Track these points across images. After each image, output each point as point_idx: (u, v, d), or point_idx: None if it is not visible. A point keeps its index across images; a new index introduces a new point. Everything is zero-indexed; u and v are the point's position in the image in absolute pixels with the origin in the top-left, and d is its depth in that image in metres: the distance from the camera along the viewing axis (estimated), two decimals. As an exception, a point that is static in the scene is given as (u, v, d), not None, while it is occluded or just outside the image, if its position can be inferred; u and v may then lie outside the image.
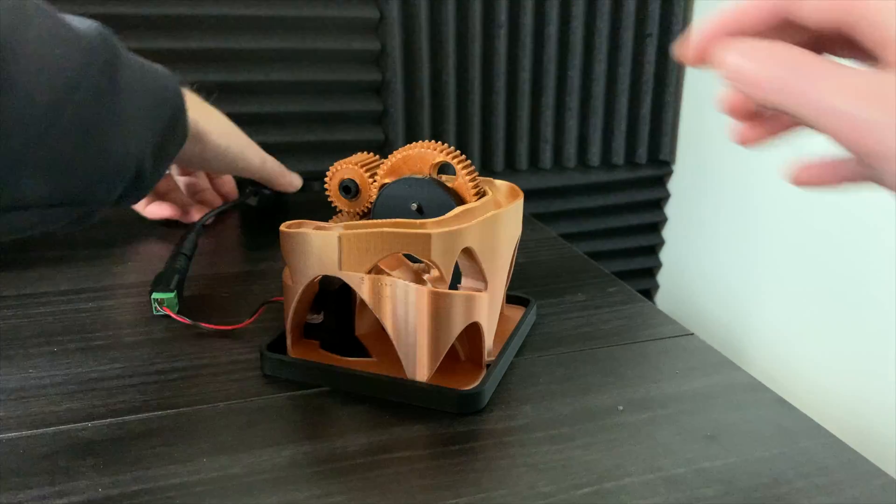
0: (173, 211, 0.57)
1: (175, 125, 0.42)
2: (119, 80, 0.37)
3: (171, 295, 0.42)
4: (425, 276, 0.34)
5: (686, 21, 0.81)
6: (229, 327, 0.40)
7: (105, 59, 0.36)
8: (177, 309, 0.42)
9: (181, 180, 0.60)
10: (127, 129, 0.37)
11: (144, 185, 0.41)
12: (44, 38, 0.32)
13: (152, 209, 0.57)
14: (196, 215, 0.58)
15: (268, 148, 0.70)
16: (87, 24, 0.37)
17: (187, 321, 0.40)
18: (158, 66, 0.42)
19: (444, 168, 0.37)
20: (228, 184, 0.63)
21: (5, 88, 0.31)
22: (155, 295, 0.42)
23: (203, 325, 0.40)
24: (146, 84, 0.39)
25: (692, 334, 0.42)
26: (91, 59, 0.35)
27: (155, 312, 0.42)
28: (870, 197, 0.59)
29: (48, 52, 0.33)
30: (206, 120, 0.49)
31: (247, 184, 0.61)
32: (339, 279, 0.34)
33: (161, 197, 0.59)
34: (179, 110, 0.42)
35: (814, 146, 0.26)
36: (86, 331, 0.41)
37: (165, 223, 0.57)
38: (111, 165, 0.37)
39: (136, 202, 0.43)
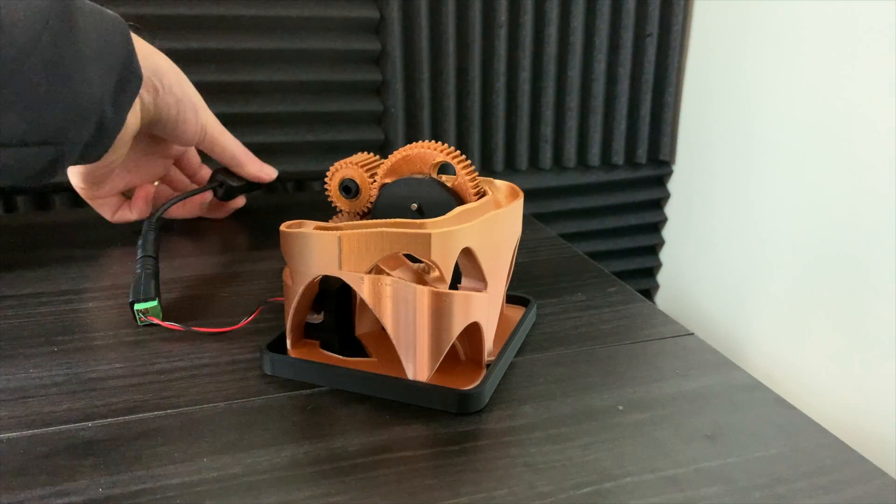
0: (143, 206, 0.55)
1: (128, 69, 0.43)
2: (76, 26, 0.39)
3: (154, 303, 0.40)
4: (425, 276, 0.34)
5: (686, 21, 0.81)
6: (223, 329, 0.40)
7: (64, 4, 0.38)
8: (161, 315, 0.41)
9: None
10: (88, 71, 0.39)
11: (108, 131, 0.43)
12: None
13: (121, 215, 0.55)
14: (177, 210, 0.57)
15: (268, 148, 0.70)
16: None
17: (177, 327, 0.40)
18: (109, 12, 0.43)
19: (444, 168, 0.37)
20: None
21: None
22: (138, 306, 0.40)
23: (196, 329, 0.40)
24: (100, 30, 0.41)
25: (692, 334, 0.42)
26: (52, 4, 0.37)
27: (140, 324, 0.41)
28: (869, 197, 0.59)
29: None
30: (160, 63, 0.48)
31: (214, 174, 0.57)
32: (339, 279, 0.34)
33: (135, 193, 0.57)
34: (130, 54, 0.43)
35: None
36: (86, 331, 0.41)
37: (166, 220, 0.57)
38: (77, 107, 0.39)
39: (102, 153, 0.44)
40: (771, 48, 0.70)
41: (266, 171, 0.58)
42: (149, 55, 0.47)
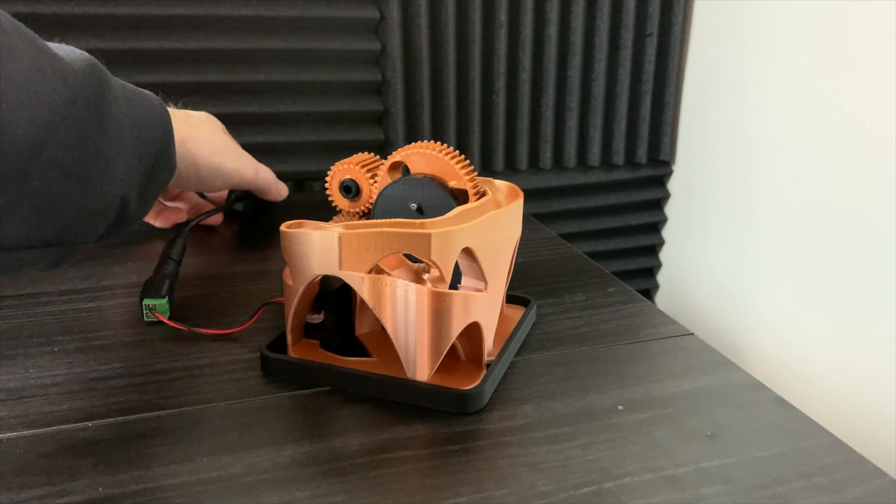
0: (182, 216, 0.57)
1: (162, 160, 0.40)
2: (106, 116, 0.35)
3: (163, 301, 0.41)
4: (425, 276, 0.34)
5: (686, 21, 0.81)
6: (226, 331, 0.40)
7: (92, 92, 0.34)
8: (168, 314, 0.41)
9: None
10: (113, 167, 0.35)
11: (128, 222, 0.39)
12: (26, 69, 0.30)
13: (161, 221, 0.58)
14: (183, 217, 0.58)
15: (268, 148, 0.70)
16: (76, 54, 0.34)
17: (181, 326, 0.40)
18: (145, 94, 0.40)
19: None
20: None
21: None
22: (146, 301, 0.41)
23: (199, 330, 0.40)
24: (134, 118, 0.37)
25: (692, 334, 0.42)
26: (77, 94, 0.33)
27: (146, 319, 0.41)
28: (869, 196, 0.59)
29: (30, 86, 0.30)
30: (197, 141, 0.48)
31: (232, 191, 0.60)
32: (339, 279, 0.34)
33: (173, 199, 0.59)
34: (167, 144, 0.40)
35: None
36: (86, 331, 0.41)
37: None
38: (95, 204, 0.35)
39: (118, 238, 0.41)
40: (771, 48, 0.70)
41: (282, 195, 0.60)
42: (184, 141, 0.45)
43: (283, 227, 0.34)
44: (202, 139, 0.49)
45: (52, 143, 0.31)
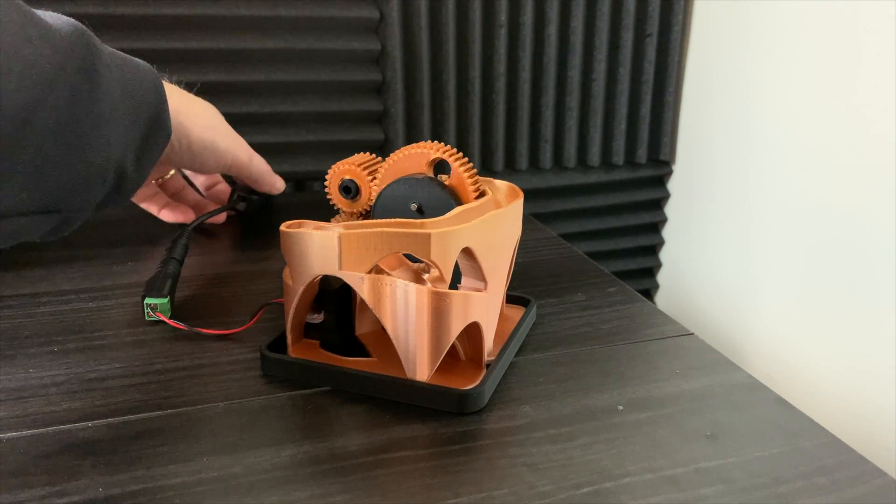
0: (188, 213, 0.57)
1: (157, 125, 0.40)
2: (97, 81, 0.34)
3: (165, 300, 0.41)
4: (425, 276, 0.34)
5: (686, 21, 0.81)
6: (227, 332, 0.40)
7: (82, 57, 0.34)
8: (170, 314, 0.41)
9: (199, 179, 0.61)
10: (106, 132, 0.35)
11: (126, 189, 0.39)
12: (13, 36, 0.30)
13: (166, 214, 0.56)
14: (192, 216, 0.57)
15: (268, 148, 0.70)
16: (62, 20, 0.34)
17: (182, 326, 0.40)
18: (138, 62, 0.39)
19: (441, 167, 0.37)
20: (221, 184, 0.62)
21: None
22: (148, 300, 0.41)
23: (199, 330, 0.40)
24: (126, 84, 0.37)
25: (692, 334, 0.42)
26: (67, 59, 0.33)
27: (147, 318, 0.41)
28: (869, 196, 0.59)
29: (19, 51, 0.31)
30: (190, 115, 0.47)
31: (234, 190, 0.60)
32: (339, 279, 0.34)
33: (173, 197, 0.59)
34: (161, 109, 0.40)
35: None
36: (86, 331, 0.41)
37: (168, 223, 0.57)
38: (91, 170, 0.35)
39: (118, 206, 0.41)
40: (771, 48, 0.70)
41: (278, 187, 0.59)
42: (178, 112, 0.44)
43: (283, 227, 0.34)
44: (195, 113, 0.48)
45: (43, 110, 0.31)
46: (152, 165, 0.41)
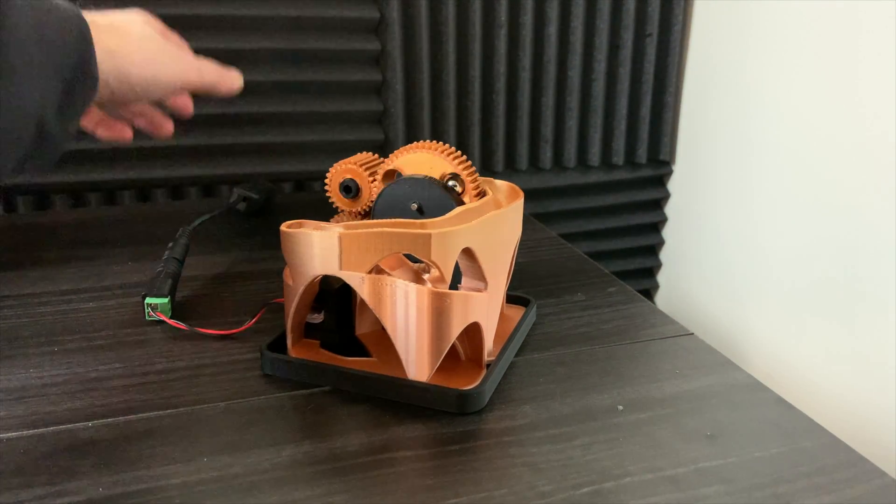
0: (125, 130, 0.48)
1: (82, 74, 0.35)
2: (5, 26, 0.31)
3: (165, 300, 0.41)
4: (425, 276, 0.34)
5: (686, 21, 0.81)
6: (227, 332, 0.40)
7: None
8: (170, 314, 0.41)
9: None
10: (20, 83, 0.32)
11: (51, 145, 0.35)
12: None
13: (101, 131, 0.48)
14: (170, 127, 0.51)
15: (268, 148, 0.70)
16: None
17: (182, 326, 0.40)
18: (58, 2, 0.35)
19: (454, 177, 0.37)
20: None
21: None
22: (148, 300, 0.41)
23: (200, 329, 0.40)
24: (41, 28, 0.33)
25: (692, 334, 0.42)
26: None
27: (148, 318, 0.41)
28: (869, 196, 0.59)
29: None
30: (125, 54, 0.41)
31: (236, 191, 0.60)
32: (340, 279, 0.34)
33: (116, 115, 0.50)
34: (86, 56, 0.35)
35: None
36: (86, 331, 0.41)
37: (165, 220, 0.57)
38: (5, 126, 0.32)
39: (51, 162, 0.37)
40: (771, 48, 0.70)
41: (236, 84, 0.52)
42: (112, 53, 0.39)
43: (283, 227, 0.34)
44: (132, 48, 0.42)
45: None
46: (79, 117, 0.37)
